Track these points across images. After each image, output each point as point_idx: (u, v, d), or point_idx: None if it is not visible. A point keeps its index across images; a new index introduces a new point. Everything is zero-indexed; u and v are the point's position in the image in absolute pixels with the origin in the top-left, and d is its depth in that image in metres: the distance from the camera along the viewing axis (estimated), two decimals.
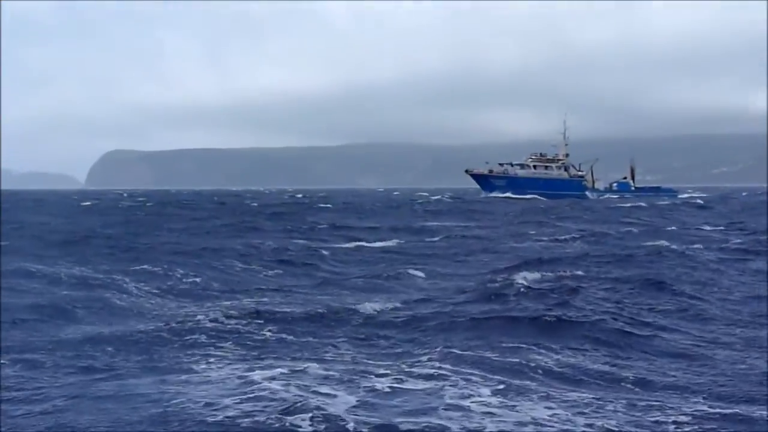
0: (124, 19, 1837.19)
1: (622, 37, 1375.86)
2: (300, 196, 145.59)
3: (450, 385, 10.83)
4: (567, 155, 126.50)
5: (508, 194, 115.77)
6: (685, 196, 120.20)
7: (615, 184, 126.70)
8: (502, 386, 10.86)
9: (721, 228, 44.43)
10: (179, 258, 27.69)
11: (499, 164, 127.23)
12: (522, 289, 18.94)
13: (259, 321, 15.88)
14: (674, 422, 9.57)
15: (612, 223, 51.55)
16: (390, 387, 10.76)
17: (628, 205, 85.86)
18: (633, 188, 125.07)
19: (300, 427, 9.03)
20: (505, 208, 77.66)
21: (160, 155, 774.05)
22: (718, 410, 10.08)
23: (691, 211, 69.72)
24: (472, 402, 10.09)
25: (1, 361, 12.56)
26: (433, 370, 11.67)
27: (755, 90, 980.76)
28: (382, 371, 11.68)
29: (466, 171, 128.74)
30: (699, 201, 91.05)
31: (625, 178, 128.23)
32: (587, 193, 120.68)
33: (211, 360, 12.56)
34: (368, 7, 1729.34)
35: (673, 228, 45.04)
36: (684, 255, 27.29)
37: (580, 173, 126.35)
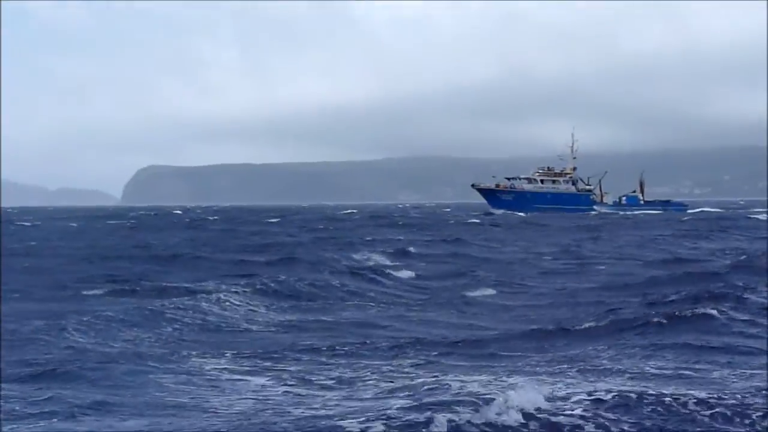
0: (160, 27, 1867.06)
1: (673, 44, 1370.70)
2: (354, 211, 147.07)
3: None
4: (575, 168, 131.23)
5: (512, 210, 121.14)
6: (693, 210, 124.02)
7: (624, 198, 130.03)
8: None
9: None
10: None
11: (506, 178, 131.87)
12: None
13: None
14: None
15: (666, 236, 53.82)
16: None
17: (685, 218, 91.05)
18: (642, 202, 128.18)
19: None
20: (556, 223, 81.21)
21: (196, 171, 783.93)
22: None
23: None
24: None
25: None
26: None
27: None
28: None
29: (473, 185, 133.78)
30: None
31: (634, 191, 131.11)
32: (595, 207, 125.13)
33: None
34: (412, 14, 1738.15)
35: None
36: None
37: (588, 187, 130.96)
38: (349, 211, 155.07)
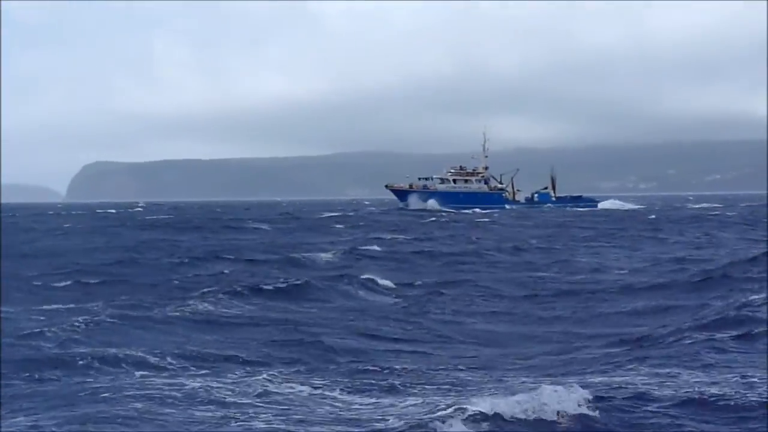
0: (112, 23, 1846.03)
1: (624, 40, 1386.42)
2: (312, 208, 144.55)
3: None
4: (486, 168, 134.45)
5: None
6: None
7: (536, 195, 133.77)
8: None
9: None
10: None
11: (419, 178, 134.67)
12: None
13: None
14: None
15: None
16: None
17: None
18: (554, 198, 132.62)
19: None
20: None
21: (143, 166, 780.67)
22: None
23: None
24: None
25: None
26: None
27: (756, 95, 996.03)
28: None
29: (386, 186, 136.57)
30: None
31: (545, 188, 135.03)
32: (506, 205, 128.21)
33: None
34: (367, 9, 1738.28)
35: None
36: None
37: (500, 186, 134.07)
38: (305, 208, 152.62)
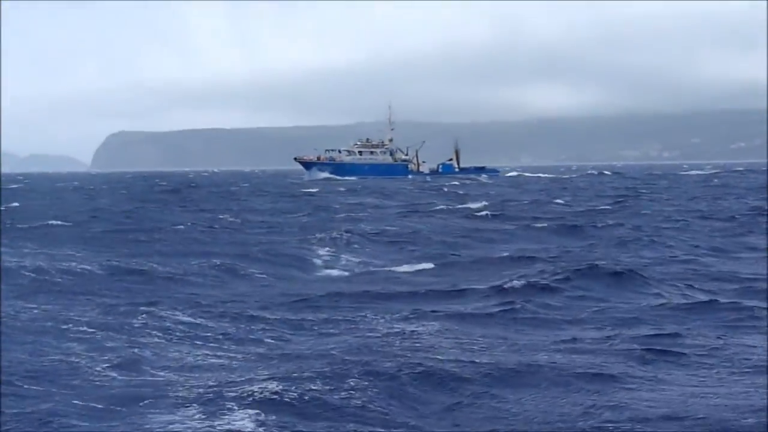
0: None
1: (667, 8, 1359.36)
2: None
3: None
4: (391, 140, 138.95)
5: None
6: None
7: (440, 167, 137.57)
8: None
9: None
10: None
11: (327, 150, 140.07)
12: None
13: None
14: None
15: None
16: None
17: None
18: (457, 170, 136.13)
19: None
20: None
21: (167, 136, 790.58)
22: None
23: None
24: None
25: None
26: None
27: None
28: None
29: (295, 159, 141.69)
30: None
31: (450, 159, 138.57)
32: (410, 176, 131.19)
33: None
34: None
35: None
36: None
37: (405, 158, 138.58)
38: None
